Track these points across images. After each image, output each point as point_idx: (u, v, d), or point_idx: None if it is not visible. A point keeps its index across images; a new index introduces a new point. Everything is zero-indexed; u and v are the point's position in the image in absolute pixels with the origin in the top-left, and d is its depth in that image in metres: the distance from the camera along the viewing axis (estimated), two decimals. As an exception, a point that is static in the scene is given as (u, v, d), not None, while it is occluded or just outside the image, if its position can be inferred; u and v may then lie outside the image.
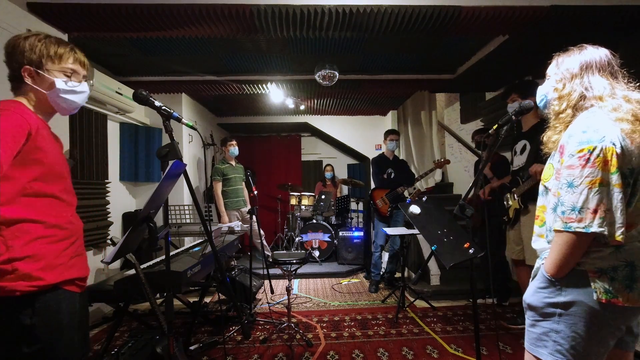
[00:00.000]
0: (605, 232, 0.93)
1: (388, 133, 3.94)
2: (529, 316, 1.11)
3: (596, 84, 1.04)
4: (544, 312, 1.05)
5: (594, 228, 0.93)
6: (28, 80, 1.12)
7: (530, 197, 2.49)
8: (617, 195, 0.93)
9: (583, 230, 0.94)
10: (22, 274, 0.99)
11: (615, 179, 0.93)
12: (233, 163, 4.27)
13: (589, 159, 0.94)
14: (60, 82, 1.15)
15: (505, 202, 2.70)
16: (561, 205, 1.00)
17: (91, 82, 1.27)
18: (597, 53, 1.08)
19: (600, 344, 0.99)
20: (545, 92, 1.18)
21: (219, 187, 4.14)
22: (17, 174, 1.02)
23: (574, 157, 0.97)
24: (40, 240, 1.05)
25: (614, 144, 0.93)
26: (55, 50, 1.14)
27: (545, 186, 1.13)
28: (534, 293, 1.09)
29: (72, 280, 1.13)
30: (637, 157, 0.96)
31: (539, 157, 2.33)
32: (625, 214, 0.94)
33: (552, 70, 1.16)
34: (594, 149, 0.94)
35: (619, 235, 0.93)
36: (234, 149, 4.20)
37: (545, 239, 1.12)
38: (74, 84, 1.19)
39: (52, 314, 1.05)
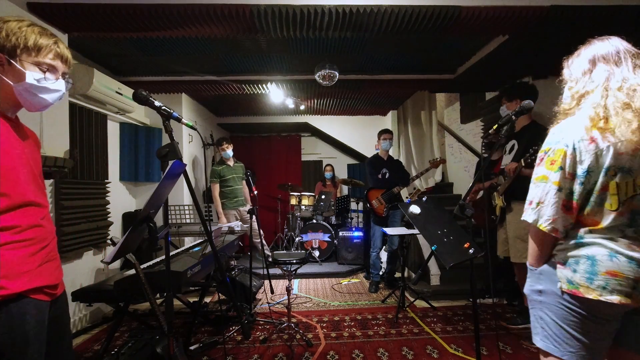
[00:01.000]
0: (531, 221, 1.06)
1: (382, 132, 3.91)
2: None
3: (596, 77, 1.04)
4: (531, 299, 1.13)
5: (525, 216, 1.08)
6: None
7: (512, 195, 2.52)
8: (552, 192, 1.02)
9: (525, 218, 1.09)
10: None
11: (554, 177, 1.02)
12: (230, 163, 4.27)
13: (543, 158, 1.07)
14: (30, 77, 1.03)
15: (492, 201, 2.72)
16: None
17: (70, 80, 1.17)
18: (602, 44, 1.07)
19: (587, 335, 1.00)
20: (565, 96, 1.18)
21: (216, 189, 4.16)
22: None
23: (539, 156, 1.09)
24: (5, 246, 0.96)
25: (566, 146, 1.01)
26: (35, 42, 1.03)
27: None
28: (526, 283, 1.17)
29: (40, 289, 1.03)
30: (594, 159, 0.98)
31: (524, 156, 2.35)
32: (565, 211, 1.02)
33: (566, 74, 1.16)
34: (549, 150, 1.05)
35: (543, 225, 1.04)
36: (225, 153, 4.19)
37: None
38: (47, 81, 1.07)
39: (17, 326, 0.96)
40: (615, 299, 0.95)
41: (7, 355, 0.95)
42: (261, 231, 3.95)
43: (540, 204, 1.04)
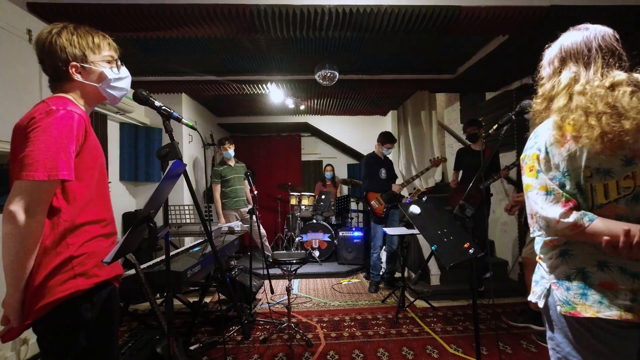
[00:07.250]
0: (539, 233, 0.96)
1: (386, 140, 3.79)
2: None
3: (564, 78, 0.97)
4: (544, 318, 1.03)
5: (535, 233, 0.98)
6: (77, 77, 1.07)
7: None
8: (541, 198, 0.92)
9: (535, 236, 0.99)
10: (81, 272, 1.02)
11: (537, 182, 0.94)
12: (232, 164, 4.27)
13: (523, 167, 1.00)
14: (109, 72, 1.13)
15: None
16: None
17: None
18: (574, 38, 0.98)
19: (604, 357, 0.90)
20: (538, 95, 1.09)
21: (217, 189, 4.17)
22: (86, 177, 1.04)
23: (521, 166, 1.02)
24: (96, 238, 1.08)
25: (539, 150, 0.94)
26: (92, 40, 1.10)
27: None
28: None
29: (117, 277, 1.16)
30: (569, 161, 0.90)
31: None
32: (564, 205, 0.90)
33: (542, 71, 1.09)
34: (525, 157, 0.99)
35: (554, 232, 0.92)
36: (227, 152, 4.18)
37: None
38: (118, 71, 1.16)
39: (107, 309, 1.09)
40: (615, 314, 0.85)
41: (99, 332, 1.07)
42: (263, 231, 3.95)
43: (535, 215, 0.94)
